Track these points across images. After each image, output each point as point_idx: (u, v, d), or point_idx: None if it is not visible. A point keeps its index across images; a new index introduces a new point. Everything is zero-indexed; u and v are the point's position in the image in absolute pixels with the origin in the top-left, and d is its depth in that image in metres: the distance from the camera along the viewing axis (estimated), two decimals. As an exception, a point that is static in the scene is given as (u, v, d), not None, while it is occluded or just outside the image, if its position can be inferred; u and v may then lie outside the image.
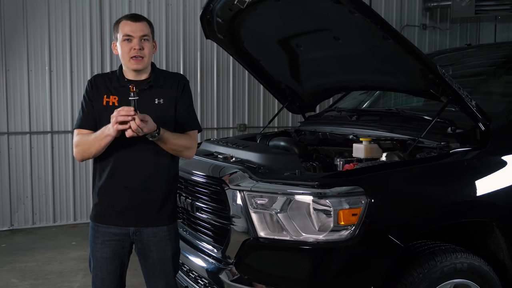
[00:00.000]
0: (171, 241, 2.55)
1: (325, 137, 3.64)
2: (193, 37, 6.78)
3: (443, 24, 8.39)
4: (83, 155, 2.42)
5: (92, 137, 2.38)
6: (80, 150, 2.42)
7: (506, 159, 2.73)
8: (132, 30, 2.43)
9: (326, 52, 3.36)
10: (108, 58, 6.42)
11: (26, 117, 6.10)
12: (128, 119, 2.19)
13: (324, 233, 2.37)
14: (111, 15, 6.39)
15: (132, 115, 2.19)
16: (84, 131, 2.46)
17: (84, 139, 2.41)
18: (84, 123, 2.48)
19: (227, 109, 7.13)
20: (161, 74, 2.58)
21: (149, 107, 2.41)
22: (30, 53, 6.07)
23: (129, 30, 2.43)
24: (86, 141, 2.39)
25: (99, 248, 2.51)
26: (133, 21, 2.45)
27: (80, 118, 2.50)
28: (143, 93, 2.42)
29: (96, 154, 2.40)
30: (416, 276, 2.47)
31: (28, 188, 6.18)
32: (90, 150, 2.38)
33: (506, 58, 3.74)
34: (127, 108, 2.20)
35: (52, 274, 4.62)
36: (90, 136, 2.40)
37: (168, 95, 2.53)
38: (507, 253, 2.78)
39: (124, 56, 2.46)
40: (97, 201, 2.52)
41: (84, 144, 2.40)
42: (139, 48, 2.42)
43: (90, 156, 2.41)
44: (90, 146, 2.37)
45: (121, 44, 2.46)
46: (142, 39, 2.44)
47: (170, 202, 2.56)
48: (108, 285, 2.54)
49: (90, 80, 2.55)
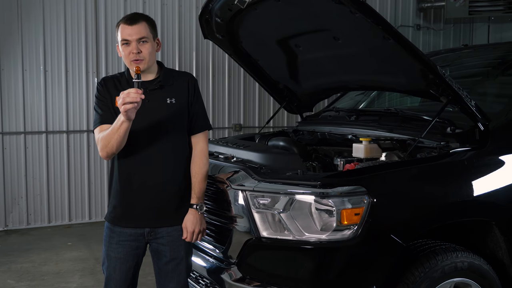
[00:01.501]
0: (184, 241, 2.56)
1: (324, 137, 3.65)
2: (188, 37, 6.78)
3: (437, 25, 8.45)
4: (106, 150, 2.38)
5: (110, 129, 2.35)
6: (102, 146, 2.38)
7: (505, 158, 2.76)
8: (129, 34, 2.43)
9: (325, 52, 3.37)
10: (103, 57, 6.40)
11: (21, 117, 6.07)
12: (138, 100, 2.18)
13: (327, 233, 2.38)
14: (106, 15, 6.37)
15: (140, 94, 2.18)
16: (106, 127, 2.42)
17: (104, 133, 2.38)
18: (106, 119, 2.45)
19: (223, 109, 7.13)
20: (170, 73, 2.59)
21: (162, 106, 2.43)
22: (25, 52, 6.03)
23: (126, 34, 2.44)
24: (107, 134, 2.36)
25: (114, 248, 2.51)
26: (129, 25, 2.44)
27: (98, 117, 2.49)
28: (154, 93, 2.43)
29: (118, 147, 2.35)
30: (417, 275, 2.49)
31: (22, 189, 6.14)
32: (111, 143, 2.34)
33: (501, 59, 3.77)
34: (134, 89, 2.19)
35: (48, 275, 4.59)
36: (108, 130, 2.37)
37: (179, 94, 2.54)
38: (506, 252, 2.80)
39: (125, 59, 2.48)
40: (115, 202, 2.52)
41: (105, 138, 2.36)
42: (137, 52, 2.42)
43: (113, 149, 2.36)
44: (110, 138, 2.33)
45: (122, 48, 2.48)
46: (139, 42, 2.43)
47: (185, 201, 2.58)
48: (121, 285, 2.54)
49: (100, 82, 2.57)
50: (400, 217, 2.50)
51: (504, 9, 7.55)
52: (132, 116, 2.24)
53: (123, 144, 2.37)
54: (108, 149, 2.37)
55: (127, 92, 2.19)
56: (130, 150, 2.43)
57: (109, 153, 2.40)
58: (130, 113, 2.21)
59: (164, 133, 2.49)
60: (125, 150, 2.41)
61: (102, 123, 2.46)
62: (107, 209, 2.61)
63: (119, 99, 2.20)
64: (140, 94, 2.18)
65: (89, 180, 6.45)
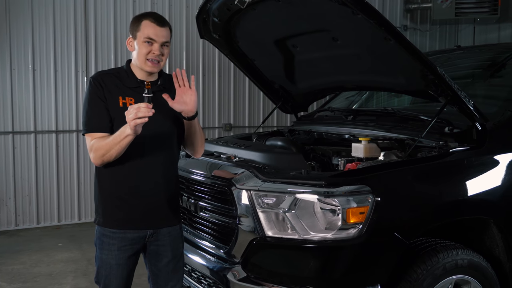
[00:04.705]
0: (182, 239, 2.59)
1: (321, 136, 3.68)
2: (178, 36, 6.75)
3: (424, 26, 8.56)
4: (103, 159, 2.30)
5: (111, 139, 2.26)
6: (99, 155, 2.29)
7: (503, 157, 2.82)
8: (156, 35, 2.36)
9: (323, 52, 3.38)
10: (93, 56, 6.34)
11: (9, 117, 5.98)
12: (149, 114, 2.14)
13: (332, 232, 2.41)
14: (96, 13, 6.31)
15: (150, 109, 2.15)
16: (99, 135, 2.33)
17: (102, 142, 2.29)
18: (99, 126, 2.35)
19: (213, 109, 7.12)
20: (167, 77, 2.55)
21: (166, 108, 2.40)
22: (13, 51, 5.95)
23: (153, 34, 2.36)
24: (105, 144, 2.27)
25: (115, 255, 2.41)
26: (158, 25, 2.38)
27: (91, 120, 2.36)
28: (157, 95, 2.39)
29: (117, 156, 2.29)
30: (420, 273, 2.53)
31: (11, 189, 6.06)
32: (111, 152, 2.27)
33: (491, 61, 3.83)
34: (145, 104, 2.15)
35: (40, 277, 4.54)
36: (108, 139, 2.28)
37: None
38: (502, 249, 2.86)
39: (140, 57, 2.38)
40: (113, 207, 2.42)
41: (103, 148, 2.28)
42: (160, 54, 2.37)
43: (111, 159, 2.29)
44: (110, 148, 2.26)
45: (141, 45, 2.37)
46: (163, 45, 2.39)
47: (179, 201, 2.60)
48: None
49: (95, 78, 2.40)
50: (403, 215, 2.53)
51: (489, 11, 7.68)
52: (139, 131, 2.19)
53: (122, 154, 2.30)
54: (106, 158, 2.30)
55: (138, 106, 2.13)
56: (131, 153, 2.34)
57: (105, 162, 2.32)
58: (138, 128, 2.17)
59: (165, 135, 2.46)
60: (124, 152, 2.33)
61: (94, 131, 2.35)
62: (98, 213, 2.47)
63: (130, 113, 2.14)
64: (151, 109, 2.14)
65: (79, 181, 6.38)
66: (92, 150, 2.33)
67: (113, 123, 2.36)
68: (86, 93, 2.43)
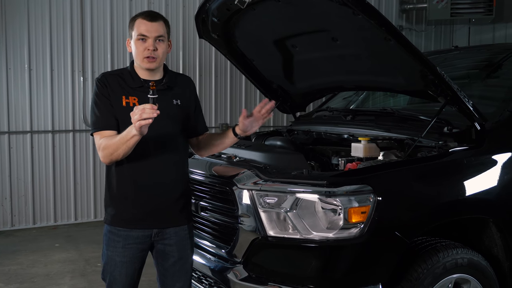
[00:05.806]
0: (190, 240, 2.57)
1: (320, 136, 3.68)
2: (175, 36, 6.73)
3: (419, 26, 8.60)
4: (111, 158, 2.33)
5: (118, 139, 2.28)
6: (107, 154, 2.33)
7: (501, 157, 2.84)
8: (148, 30, 2.39)
9: (323, 52, 3.39)
10: (89, 56, 6.32)
11: (5, 117, 5.95)
12: (154, 115, 2.14)
13: (334, 231, 2.42)
14: (92, 13, 6.30)
15: (155, 110, 2.14)
16: (108, 133, 2.37)
17: (110, 141, 2.31)
18: (107, 124, 2.38)
19: (209, 109, 7.12)
20: (173, 75, 2.57)
21: (170, 107, 2.40)
22: (9, 51, 5.92)
23: (144, 30, 2.39)
24: (113, 143, 2.30)
25: (119, 252, 2.44)
26: (149, 21, 2.41)
27: (99, 119, 2.40)
28: (161, 94, 2.39)
29: (124, 155, 2.31)
30: (420, 272, 2.54)
31: (7, 189, 6.03)
32: (118, 152, 2.29)
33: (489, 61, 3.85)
34: (150, 105, 2.14)
35: (38, 277, 4.52)
36: (115, 138, 2.30)
37: (183, 96, 2.55)
38: (501, 249, 2.88)
39: (137, 55, 2.42)
40: (119, 205, 2.46)
41: (110, 147, 2.31)
42: (153, 49, 2.38)
43: (119, 158, 2.32)
44: (118, 147, 2.28)
45: (135, 43, 2.41)
46: (157, 40, 2.40)
47: (189, 201, 2.59)
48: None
49: (100, 79, 2.45)
50: (404, 214, 2.55)
51: (484, 12, 7.72)
52: (145, 131, 2.20)
53: (130, 152, 2.33)
54: (113, 157, 2.33)
55: (142, 107, 2.13)
56: (136, 152, 2.36)
57: (113, 160, 2.36)
58: (144, 129, 2.18)
59: (171, 134, 2.47)
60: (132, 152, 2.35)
61: (103, 129, 2.39)
62: (107, 212, 2.51)
63: (135, 114, 2.14)
64: (156, 110, 2.14)
65: (75, 181, 6.36)
66: (100, 148, 2.36)
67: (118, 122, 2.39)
68: (92, 95, 2.49)
